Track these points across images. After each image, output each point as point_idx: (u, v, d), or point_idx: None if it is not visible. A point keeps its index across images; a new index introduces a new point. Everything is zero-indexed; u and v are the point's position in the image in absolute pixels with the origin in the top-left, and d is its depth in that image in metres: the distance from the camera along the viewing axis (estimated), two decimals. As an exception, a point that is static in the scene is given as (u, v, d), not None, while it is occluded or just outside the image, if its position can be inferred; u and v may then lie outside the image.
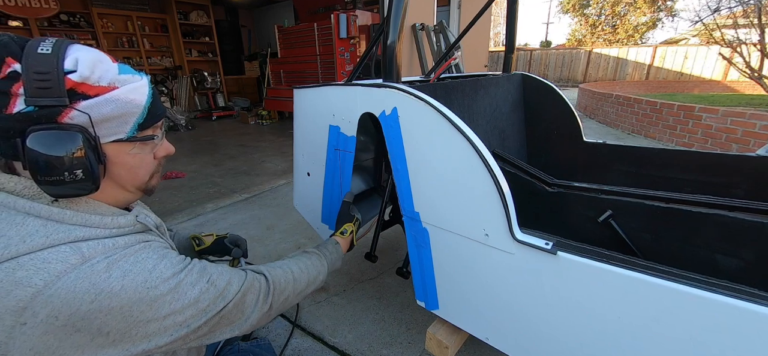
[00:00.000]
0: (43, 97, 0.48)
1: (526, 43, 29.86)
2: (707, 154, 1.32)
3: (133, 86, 0.56)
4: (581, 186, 1.14)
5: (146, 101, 0.58)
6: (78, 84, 0.50)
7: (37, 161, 0.47)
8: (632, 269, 0.72)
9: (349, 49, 4.79)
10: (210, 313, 0.61)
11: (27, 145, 0.47)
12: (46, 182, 0.49)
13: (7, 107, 0.47)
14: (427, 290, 1.18)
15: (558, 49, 15.57)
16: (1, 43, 0.48)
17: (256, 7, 8.24)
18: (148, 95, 0.59)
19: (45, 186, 0.49)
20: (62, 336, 0.48)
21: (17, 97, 0.47)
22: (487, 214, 0.91)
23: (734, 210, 0.95)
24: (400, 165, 1.06)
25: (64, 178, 0.49)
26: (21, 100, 0.47)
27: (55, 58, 0.49)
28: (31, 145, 0.47)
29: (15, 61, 0.48)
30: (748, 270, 0.96)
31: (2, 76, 0.47)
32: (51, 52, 0.49)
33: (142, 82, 0.58)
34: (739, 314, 0.62)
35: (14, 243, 0.47)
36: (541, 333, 0.92)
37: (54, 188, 0.50)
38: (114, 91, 0.54)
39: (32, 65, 0.47)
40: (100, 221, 0.55)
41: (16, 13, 5.13)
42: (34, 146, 0.47)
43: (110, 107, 0.53)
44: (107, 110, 0.53)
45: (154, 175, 0.67)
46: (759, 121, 3.43)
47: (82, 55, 0.52)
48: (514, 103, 1.76)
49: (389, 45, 1.04)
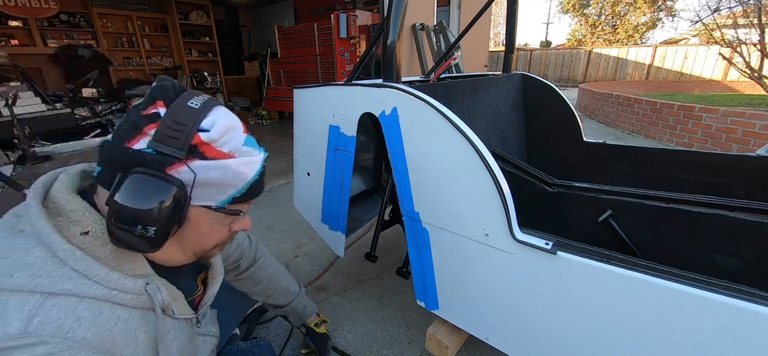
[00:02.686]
0: (166, 144, 0.48)
1: (526, 43, 29.87)
2: (707, 154, 1.32)
3: (247, 160, 0.55)
4: (581, 186, 1.14)
5: (253, 177, 0.57)
6: (203, 143, 0.51)
7: (121, 204, 0.47)
8: (632, 269, 0.72)
9: (349, 49, 4.79)
10: None
11: (124, 183, 0.47)
12: (116, 226, 0.48)
13: (131, 140, 0.49)
14: (427, 290, 1.18)
15: (558, 49, 15.56)
16: (163, 86, 0.51)
17: (256, 7, 8.23)
18: (257, 172, 0.57)
19: (114, 229, 0.48)
20: None
21: (145, 136, 0.49)
22: (487, 214, 0.91)
23: (734, 210, 0.95)
24: (400, 165, 1.06)
25: (135, 230, 0.48)
26: (146, 139, 0.49)
27: (197, 114, 0.50)
28: (128, 186, 0.47)
29: (163, 106, 0.50)
30: (748, 270, 0.96)
31: (146, 112, 0.50)
32: (198, 107, 0.51)
33: (258, 158, 0.57)
34: (739, 314, 0.62)
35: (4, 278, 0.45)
36: (541, 333, 0.92)
37: (120, 234, 0.48)
38: (229, 159, 0.53)
39: (175, 114, 0.49)
40: (105, 276, 0.51)
41: (16, 13, 5.13)
42: (129, 188, 0.47)
43: (217, 174, 0.52)
44: (213, 175, 0.52)
45: (220, 246, 0.65)
46: (759, 121, 3.43)
47: (220, 119, 0.52)
48: (514, 103, 1.76)
49: (389, 45, 1.04)
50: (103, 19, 6.30)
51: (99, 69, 5.63)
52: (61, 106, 4.34)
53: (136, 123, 0.49)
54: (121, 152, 0.48)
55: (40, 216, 0.49)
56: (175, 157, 0.49)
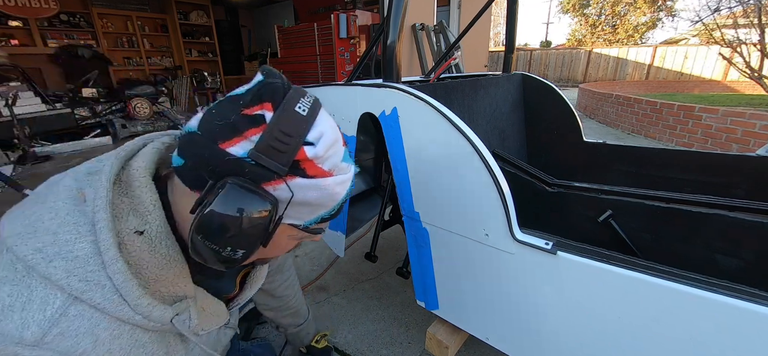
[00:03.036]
0: (269, 156, 0.42)
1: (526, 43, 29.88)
2: (707, 154, 1.32)
3: (343, 178, 0.50)
4: (581, 186, 1.14)
5: (345, 196, 0.52)
6: (307, 159, 0.45)
7: (212, 218, 0.41)
8: (632, 269, 0.72)
9: (349, 49, 4.79)
10: None
11: (218, 194, 0.40)
12: (204, 243, 0.42)
13: (227, 142, 0.42)
14: (427, 290, 1.18)
15: (558, 49, 15.57)
16: (273, 85, 0.44)
17: (256, 7, 8.23)
18: (349, 190, 0.52)
19: (199, 245, 0.43)
20: None
21: (245, 140, 0.42)
22: (487, 214, 0.91)
23: (734, 210, 0.95)
24: (400, 165, 1.06)
25: (223, 251, 0.43)
26: (245, 144, 0.42)
27: (305, 124, 0.44)
28: (223, 198, 0.40)
29: (271, 109, 0.43)
30: (748, 270, 0.96)
31: (250, 112, 0.43)
32: (306, 114, 0.45)
33: (351, 173, 0.52)
34: (739, 314, 0.62)
35: (35, 246, 0.43)
36: (541, 333, 0.92)
37: (205, 252, 0.43)
38: (328, 178, 0.47)
39: (283, 123, 0.43)
40: (136, 299, 0.46)
41: (16, 13, 5.13)
42: (224, 200, 0.40)
43: (315, 194, 0.47)
44: (311, 196, 0.47)
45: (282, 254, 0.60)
46: (759, 121, 3.43)
47: (327, 131, 0.47)
48: (514, 103, 1.76)
49: (389, 45, 1.04)
50: (103, 19, 6.30)
51: (99, 69, 5.64)
52: (61, 106, 4.34)
53: (235, 123, 0.43)
54: (213, 153, 0.42)
55: (105, 201, 0.45)
56: (276, 172, 0.43)
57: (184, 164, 0.45)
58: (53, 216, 0.45)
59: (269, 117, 0.43)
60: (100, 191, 0.46)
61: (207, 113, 0.45)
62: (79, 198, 0.47)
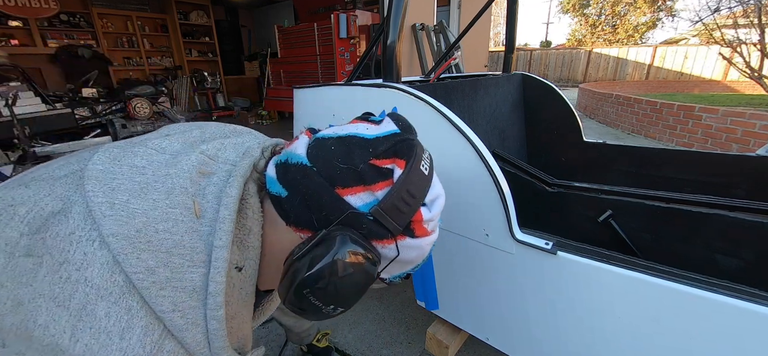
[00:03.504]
0: (391, 216, 0.39)
1: (526, 43, 29.88)
2: (707, 154, 1.32)
3: (436, 236, 0.46)
4: (581, 186, 1.14)
5: (429, 252, 0.48)
6: (420, 222, 0.42)
7: (327, 269, 0.37)
8: (632, 269, 0.72)
9: (349, 49, 4.79)
10: None
11: (334, 245, 0.37)
12: (307, 298, 0.38)
13: (347, 189, 0.39)
14: (427, 290, 1.18)
15: (558, 49, 15.57)
16: (411, 143, 0.42)
17: (256, 7, 8.23)
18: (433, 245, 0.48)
19: (298, 300, 0.38)
20: None
21: (368, 192, 0.39)
22: (487, 214, 0.90)
23: (734, 210, 0.95)
24: (400, 165, 1.06)
25: (324, 308, 0.39)
26: (367, 198, 0.39)
27: (428, 186, 0.42)
28: (336, 249, 0.37)
29: (402, 166, 0.40)
30: (748, 270, 0.96)
31: (381, 164, 0.40)
32: (427, 174, 0.42)
33: (438, 231, 0.48)
34: (739, 314, 0.62)
35: (148, 264, 0.35)
36: (541, 333, 0.92)
37: (305, 305, 0.39)
38: (428, 237, 0.44)
39: (411, 183, 0.40)
40: (219, 347, 0.40)
41: (16, 13, 5.13)
42: (337, 252, 0.37)
43: (415, 253, 0.43)
44: (411, 256, 0.43)
45: None
46: (759, 121, 3.43)
47: (441, 195, 0.44)
48: (514, 103, 1.76)
49: (389, 45, 1.04)
50: (103, 19, 6.30)
51: (99, 69, 5.64)
52: (61, 106, 4.34)
53: (362, 172, 0.39)
54: (329, 198, 0.39)
55: (229, 235, 0.38)
56: (392, 232, 0.40)
57: (288, 197, 0.41)
58: (169, 229, 0.37)
59: (398, 174, 0.40)
60: (226, 219, 0.39)
61: (322, 147, 0.41)
62: (195, 211, 0.39)
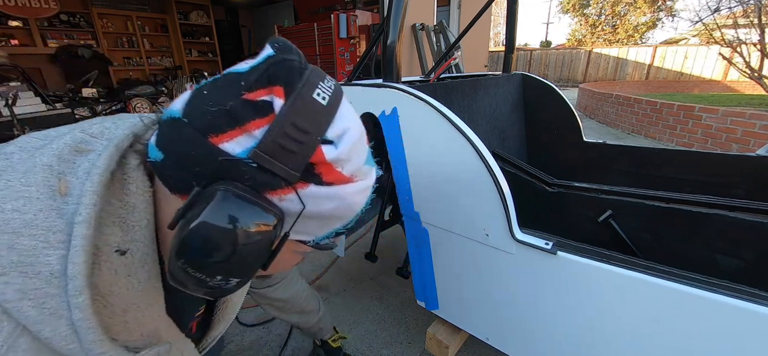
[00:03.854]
0: (276, 159, 0.32)
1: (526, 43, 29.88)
2: (707, 154, 1.32)
3: (365, 185, 0.40)
4: (581, 186, 1.14)
5: (364, 207, 0.42)
6: (324, 162, 0.34)
7: (196, 239, 0.31)
8: (632, 269, 0.72)
9: (349, 49, 4.79)
10: None
11: (205, 206, 0.31)
12: (185, 270, 0.32)
13: (220, 135, 0.32)
14: (427, 290, 1.18)
15: (558, 49, 15.57)
16: (288, 63, 0.34)
17: (256, 7, 8.23)
18: (369, 199, 0.42)
19: (179, 272, 0.33)
20: None
21: (245, 134, 0.32)
22: (487, 214, 0.91)
23: (734, 210, 0.95)
24: (400, 165, 1.06)
25: (210, 280, 0.33)
26: (245, 140, 0.32)
27: (326, 117, 0.34)
28: (212, 211, 0.30)
29: (282, 95, 0.33)
30: (748, 270, 0.96)
31: (254, 97, 0.32)
32: (326, 104, 0.34)
33: (373, 178, 0.42)
34: (739, 314, 0.62)
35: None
36: (541, 333, 0.92)
37: (187, 280, 0.33)
38: (348, 185, 0.37)
39: (297, 114, 0.32)
40: (89, 341, 0.34)
41: (16, 13, 5.13)
42: (214, 215, 0.30)
43: (331, 205, 0.37)
44: (326, 208, 0.37)
45: None
46: (759, 121, 3.44)
47: (352, 126, 0.37)
48: (514, 103, 1.76)
49: (389, 45, 1.04)
50: (103, 19, 6.30)
51: (99, 69, 5.64)
52: (61, 106, 4.34)
53: (234, 112, 0.32)
54: (203, 149, 0.32)
55: (92, 209, 0.33)
56: (285, 179, 0.33)
57: (164, 160, 0.34)
58: (20, 207, 0.32)
59: (279, 105, 0.32)
60: (88, 192, 0.34)
61: (196, 94, 0.34)
62: (59, 188, 0.34)
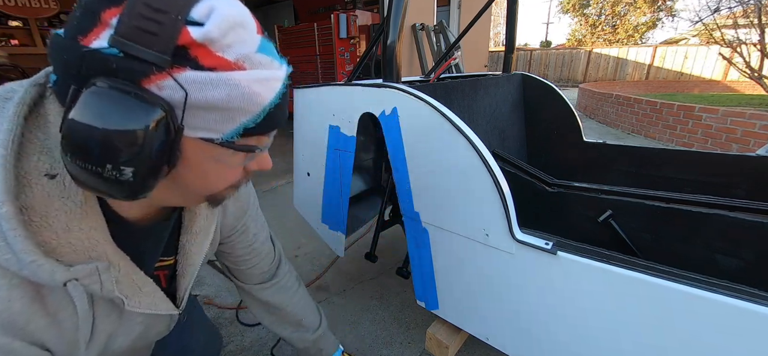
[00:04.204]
0: (137, 43, 0.31)
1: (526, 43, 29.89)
2: (707, 154, 1.32)
3: (265, 75, 0.39)
4: (581, 186, 1.14)
5: (273, 100, 0.40)
6: (195, 43, 0.34)
7: (75, 130, 0.31)
8: (632, 269, 0.72)
9: (349, 49, 4.79)
10: None
11: (78, 100, 0.31)
12: (73, 162, 0.33)
13: (87, 35, 0.32)
14: (427, 290, 1.18)
15: (558, 49, 15.57)
16: None
17: (256, 7, 8.24)
18: (278, 94, 0.41)
19: (71, 167, 0.33)
20: None
21: (105, 27, 0.32)
22: (487, 214, 0.91)
23: (734, 210, 0.95)
24: (400, 165, 1.06)
25: (102, 171, 0.33)
26: (105, 33, 0.32)
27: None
28: (83, 104, 0.31)
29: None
30: (748, 270, 0.96)
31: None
32: None
33: (279, 73, 0.41)
34: (739, 314, 0.62)
35: None
36: (541, 333, 0.92)
37: (82, 175, 0.34)
38: (236, 72, 0.36)
39: (136, 9, 0.32)
40: (19, 250, 0.36)
41: (16, 13, 5.13)
42: (85, 108, 0.31)
43: (221, 93, 0.36)
44: (214, 96, 0.35)
45: (234, 187, 0.49)
46: (759, 121, 3.44)
47: (221, 7, 0.35)
48: (514, 103, 1.76)
49: (389, 45, 1.04)
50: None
51: (99, 69, 5.64)
52: (61, 106, 4.35)
53: (89, 7, 0.33)
54: (74, 52, 0.32)
55: (7, 133, 0.36)
56: (153, 63, 0.32)
57: (57, 79, 0.36)
58: None
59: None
60: (5, 121, 0.36)
61: (74, 9, 0.35)
62: None
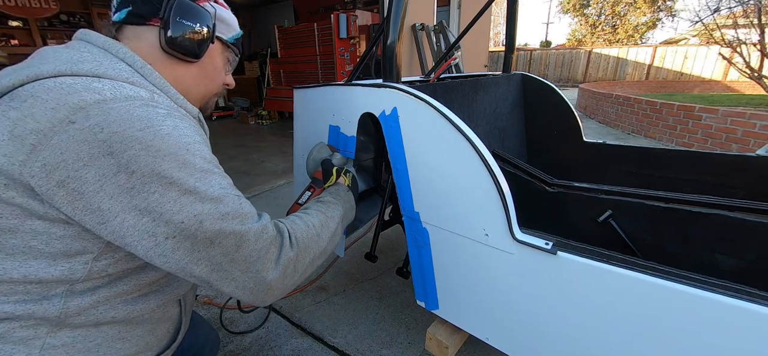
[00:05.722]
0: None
1: (526, 43, 29.89)
2: (707, 154, 1.32)
3: (229, 14, 0.76)
4: (581, 186, 1.14)
5: (239, 30, 0.79)
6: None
7: (183, 4, 0.62)
8: (632, 269, 0.72)
9: (349, 49, 4.79)
10: (226, 227, 0.55)
11: (173, 5, 0.61)
12: (179, 22, 0.61)
13: None
14: (427, 290, 1.18)
15: (558, 49, 15.56)
16: None
17: (256, 7, 8.24)
18: (239, 30, 0.79)
19: (175, 26, 0.61)
20: (95, 153, 0.46)
21: None
22: (487, 214, 0.91)
23: (734, 210, 0.95)
24: (400, 165, 1.06)
25: (194, 26, 0.63)
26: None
27: None
28: (179, 4, 0.62)
29: None
30: (748, 270, 0.96)
31: None
32: None
33: (231, 16, 0.77)
34: (739, 314, 0.62)
35: (106, 68, 0.53)
36: (541, 333, 0.92)
37: (180, 30, 0.62)
38: (225, 9, 0.74)
39: None
40: (174, 94, 0.62)
41: (16, 14, 5.13)
42: (179, 7, 0.62)
43: (225, 14, 0.73)
44: (223, 14, 0.73)
45: (215, 98, 0.79)
46: (759, 121, 3.44)
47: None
48: (514, 103, 1.76)
49: (389, 45, 1.04)
50: (104, 19, 6.28)
51: (99, 69, 5.64)
52: (61, 106, 4.34)
53: None
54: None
55: (123, 47, 0.59)
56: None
57: (131, 10, 0.61)
58: None
59: None
60: (122, 59, 0.59)
61: None
62: None
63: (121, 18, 0.61)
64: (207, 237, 0.54)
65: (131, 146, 0.48)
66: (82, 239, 0.51)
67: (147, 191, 0.49)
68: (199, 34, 0.65)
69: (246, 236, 0.58)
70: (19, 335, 0.50)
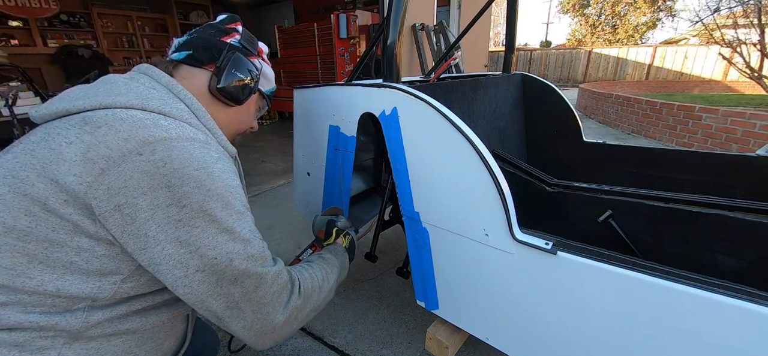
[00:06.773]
0: (248, 44, 0.78)
1: (526, 43, 29.89)
2: (707, 154, 1.32)
3: (270, 69, 0.86)
4: (581, 186, 1.14)
5: (273, 80, 0.89)
6: (262, 51, 0.84)
7: (238, 58, 0.72)
8: (632, 269, 0.72)
9: (349, 49, 4.79)
10: (250, 268, 0.59)
11: (232, 57, 0.71)
12: (232, 74, 0.71)
13: (224, 38, 0.74)
14: (427, 290, 1.18)
15: (558, 49, 15.55)
16: (236, 16, 0.80)
17: (256, 7, 8.23)
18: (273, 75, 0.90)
19: (228, 76, 0.70)
20: (155, 184, 0.51)
21: (232, 37, 0.75)
22: (487, 214, 0.91)
23: (734, 210, 0.95)
24: (400, 165, 1.06)
25: (244, 78, 0.73)
26: (234, 40, 0.75)
27: (254, 39, 0.83)
28: (235, 58, 0.72)
29: (240, 25, 0.79)
30: (748, 270, 0.96)
31: (230, 26, 0.76)
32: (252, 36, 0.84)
33: (270, 72, 0.88)
34: (739, 314, 0.62)
35: (170, 108, 0.59)
36: (541, 332, 0.92)
37: (231, 80, 0.71)
38: (268, 65, 0.85)
39: (247, 33, 0.80)
40: (220, 135, 0.69)
41: (16, 14, 5.13)
42: (235, 59, 0.72)
43: (268, 70, 0.84)
44: (267, 71, 0.84)
45: (240, 137, 0.87)
46: (759, 121, 3.43)
47: (263, 48, 0.86)
48: (514, 103, 1.76)
49: (389, 45, 1.04)
50: (103, 19, 6.29)
51: (99, 69, 5.63)
52: (61, 106, 4.33)
53: (223, 29, 0.75)
54: (218, 43, 0.71)
55: (184, 90, 0.65)
56: (253, 52, 0.78)
57: (192, 54, 0.69)
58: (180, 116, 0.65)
59: (240, 29, 0.78)
60: (181, 99, 0.65)
61: (195, 33, 0.73)
62: None
63: (180, 58, 0.69)
64: (233, 275, 0.58)
65: (187, 183, 0.53)
66: (117, 260, 0.54)
67: (191, 225, 0.54)
68: (245, 85, 0.74)
69: (265, 278, 0.62)
70: (38, 345, 0.51)
